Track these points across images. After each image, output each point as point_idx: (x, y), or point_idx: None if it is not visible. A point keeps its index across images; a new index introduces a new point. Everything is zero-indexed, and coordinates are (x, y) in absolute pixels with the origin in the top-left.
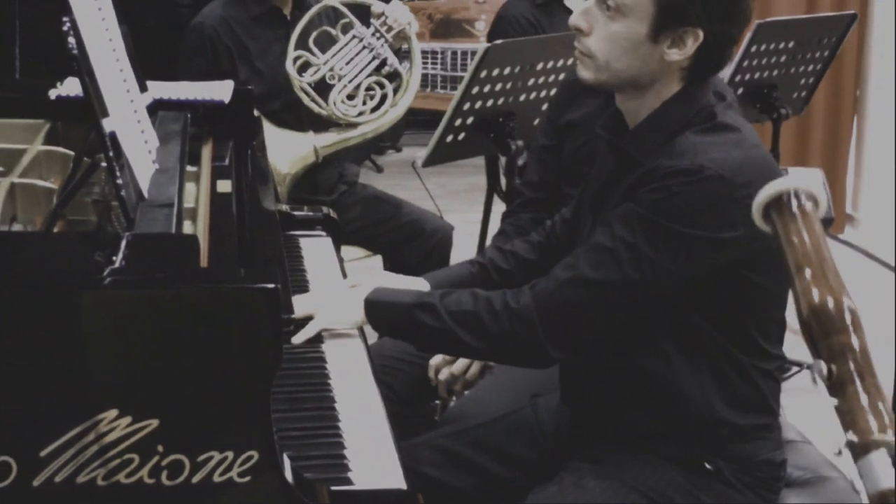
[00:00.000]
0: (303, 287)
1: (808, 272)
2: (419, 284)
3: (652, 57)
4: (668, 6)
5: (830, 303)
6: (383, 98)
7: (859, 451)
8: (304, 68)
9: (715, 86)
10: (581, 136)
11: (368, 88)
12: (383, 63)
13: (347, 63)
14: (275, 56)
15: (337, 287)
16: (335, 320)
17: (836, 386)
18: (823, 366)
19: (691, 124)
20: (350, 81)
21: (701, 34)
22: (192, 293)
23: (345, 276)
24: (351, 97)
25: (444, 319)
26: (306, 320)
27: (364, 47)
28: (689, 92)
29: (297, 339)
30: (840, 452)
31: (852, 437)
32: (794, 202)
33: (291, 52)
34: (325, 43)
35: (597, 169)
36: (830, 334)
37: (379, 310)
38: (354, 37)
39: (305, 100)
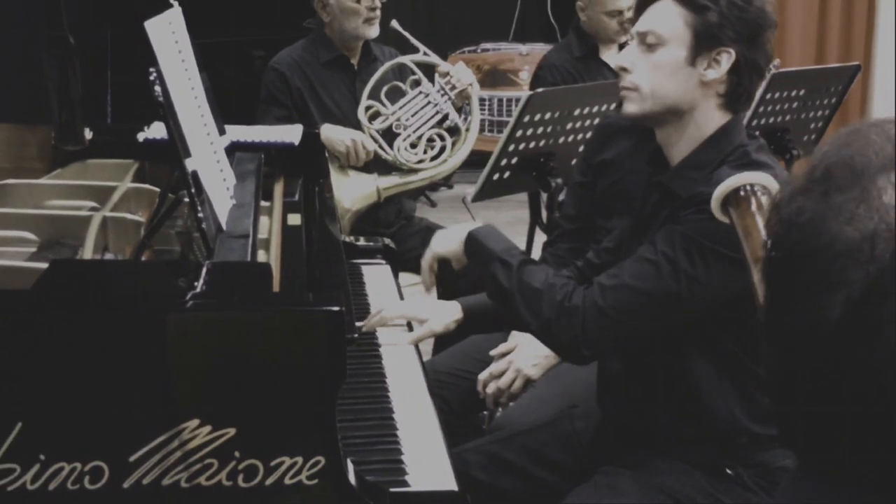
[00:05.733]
0: (364, 308)
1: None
2: (452, 307)
3: (691, 80)
4: (703, 31)
5: None
6: (442, 149)
7: None
8: (374, 117)
9: (748, 131)
10: (613, 174)
11: (430, 139)
12: (445, 118)
13: (413, 115)
14: (342, 98)
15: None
16: (436, 250)
17: None
18: None
19: (726, 161)
20: (414, 131)
21: (734, 54)
22: (265, 315)
23: (402, 299)
24: (413, 146)
25: (512, 282)
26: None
27: (429, 102)
28: (725, 131)
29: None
30: None
31: None
32: (749, 196)
33: (364, 101)
34: (394, 95)
35: (639, 203)
36: None
37: (474, 244)
38: (421, 92)
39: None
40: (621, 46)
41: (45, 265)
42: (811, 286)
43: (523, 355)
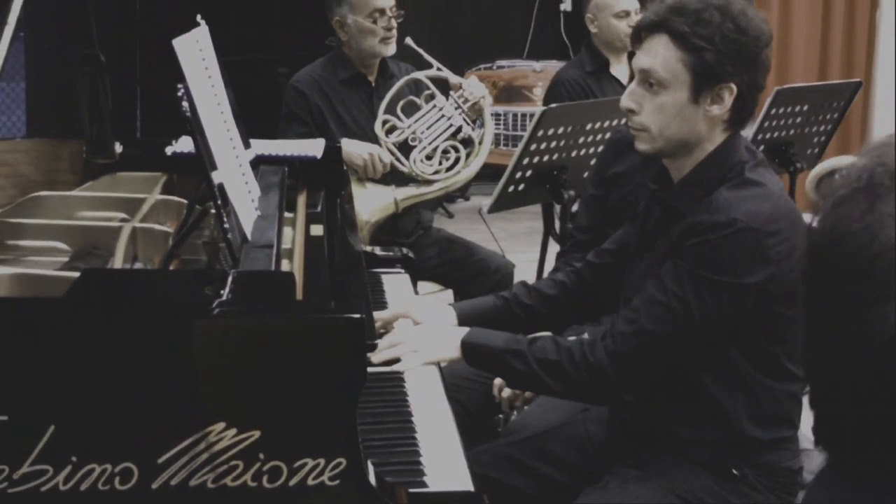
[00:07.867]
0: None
1: None
2: (447, 311)
3: (697, 116)
4: (702, 71)
5: None
6: (457, 160)
7: None
8: (390, 130)
9: (747, 144)
10: (625, 187)
11: (444, 151)
12: (458, 130)
13: (428, 128)
14: (360, 114)
15: (435, 327)
16: (436, 356)
17: None
18: None
19: (725, 180)
20: (429, 144)
21: (735, 87)
22: (288, 322)
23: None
24: (429, 158)
25: (531, 365)
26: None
27: (443, 115)
28: (724, 149)
29: (404, 366)
30: None
31: None
32: None
33: (380, 116)
34: (410, 110)
35: (641, 216)
36: None
37: (474, 350)
38: (435, 106)
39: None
40: (631, 55)
41: (76, 274)
42: (865, 295)
43: None
